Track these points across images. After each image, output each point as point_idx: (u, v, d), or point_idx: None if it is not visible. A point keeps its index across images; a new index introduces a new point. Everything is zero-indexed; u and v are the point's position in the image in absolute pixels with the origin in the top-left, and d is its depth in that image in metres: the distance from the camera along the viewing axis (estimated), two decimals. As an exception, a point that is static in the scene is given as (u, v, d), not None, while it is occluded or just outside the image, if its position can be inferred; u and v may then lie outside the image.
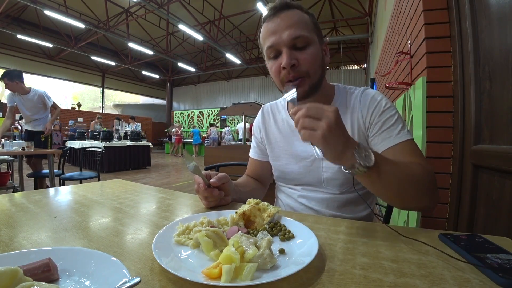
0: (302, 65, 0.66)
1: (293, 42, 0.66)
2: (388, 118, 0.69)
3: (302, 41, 0.66)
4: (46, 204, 0.72)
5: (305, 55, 0.66)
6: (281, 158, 0.84)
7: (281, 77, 0.68)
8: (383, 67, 2.93)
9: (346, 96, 0.78)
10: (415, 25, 1.31)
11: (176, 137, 11.36)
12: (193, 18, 9.63)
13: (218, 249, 0.40)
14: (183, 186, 4.78)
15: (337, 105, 0.77)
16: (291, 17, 0.67)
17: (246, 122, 6.65)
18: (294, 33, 0.65)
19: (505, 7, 0.77)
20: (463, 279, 0.34)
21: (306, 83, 0.68)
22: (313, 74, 0.68)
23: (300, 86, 0.68)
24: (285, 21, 0.66)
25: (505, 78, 0.76)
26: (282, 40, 0.66)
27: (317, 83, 0.70)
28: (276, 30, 0.67)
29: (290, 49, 0.66)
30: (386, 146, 0.67)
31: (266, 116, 0.91)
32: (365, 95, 0.75)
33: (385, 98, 0.73)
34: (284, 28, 0.66)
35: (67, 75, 13.29)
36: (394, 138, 0.66)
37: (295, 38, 0.65)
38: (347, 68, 13.26)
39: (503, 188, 0.76)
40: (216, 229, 0.44)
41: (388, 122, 0.68)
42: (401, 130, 0.67)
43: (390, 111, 0.70)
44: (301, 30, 0.66)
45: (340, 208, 0.78)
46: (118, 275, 0.32)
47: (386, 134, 0.68)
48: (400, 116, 0.70)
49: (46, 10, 7.61)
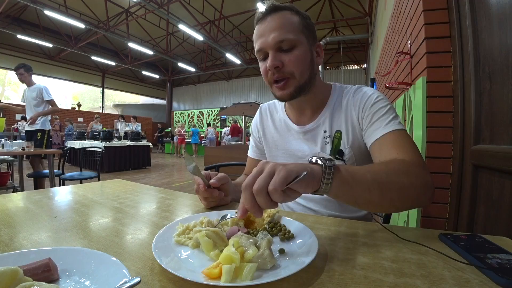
0: (287, 67, 0.67)
1: (279, 45, 0.67)
2: (379, 109, 0.68)
3: (287, 43, 0.67)
4: (46, 204, 0.72)
5: (290, 56, 0.67)
6: (278, 157, 0.84)
7: (268, 78, 0.71)
8: (383, 67, 2.93)
9: (342, 93, 0.78)
10: (415, 25, 1.31)
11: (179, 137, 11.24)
12: (193, 18, 9.63)
13: (218, 249, 0.40)
14: (183, 186, 4.78)
15: (332, 104, 0.77)
16: (277, 19, 0.67)
17: (246, 122, 6.67)
18: (278, 37, 0.66)
19: (505, 7, 0.77)
20: (463, 279, 0.34)
21: (291, 84, 0.69)
22: (299, 75, 0.69)
23: (285, 88, 0.69)
24: (271, 24, 0.67)
25: (505, 78, 0.76)
26: (268, 43, 0.67)
27: (304, 85, 0.70)
28: (263, 33, 0.68)
29: (276, 52, 0.67)
30: (376, 136, 0.65)
31: (264, 116, 0.92)
32: (357, 92, 0.75)
33: (378, 92, 0.73)
34: (270, 31, 0.67)
35: (67, 75, 13.30)
36: (383, 128, 0.65)
37: (279, 41, 0.66)
38: (347, 68, 13.26)
39: (503, 188, 0.76)
40: (216, 229, 0.44)
41: (378, 113, 0.68)
42: (392, 120, 0.66)
43: (381, 103, 0.70)
44: (286, 33, 0.66)
45: (339, 208, 0.78)
46: (118, 275, 0.32)
47: (377, 125, 0.67)
48: (393, 107, 0.70)
49: (46, 10, 7.62)
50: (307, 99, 0.76)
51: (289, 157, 0.81)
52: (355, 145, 0.74)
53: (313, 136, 0.78)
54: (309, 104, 0.78)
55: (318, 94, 0.78)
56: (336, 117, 0.76)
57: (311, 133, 0.79)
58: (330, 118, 0.76)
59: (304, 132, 0.79)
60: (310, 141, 0.78)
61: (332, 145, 0.75)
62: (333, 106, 0.77)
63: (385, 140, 0.64)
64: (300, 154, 0.79)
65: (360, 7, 7.58)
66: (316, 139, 0.78)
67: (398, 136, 0.63)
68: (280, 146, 0.84)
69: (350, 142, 0.74)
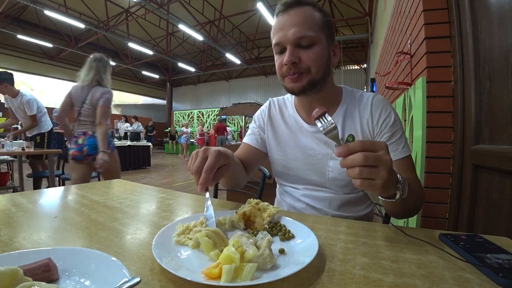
0: (304, 63, 0.67)
1: (298, 41, 0.67)
2: (396, 131, 0.74)
3: (306, 40, 0.66)
4: (46, 204, 0.72)
5: (308, 53, 0.67)
6: (288, 153, 0.84)
7: (282, 72, 0.71)
8: (383, 67, 2.93)
9: (355, 98, 0.79)
10: (415, 25, 1.31)
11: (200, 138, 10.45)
12: (193, 18, 9.63)
13: (218, 249, 0.40)
14: (183, 186, 4.78)
15: (345, 108, 0.78)
16: (299, 15, 0.67)
17: (246, 122, 6.67)
18: (299, 33, 0.66)
19: (505, 7, 0.77)
20: (463, 279, 0.34)
21: (304, 78, 0.69)
22: (315, 72, 0.69)
23: (298, 80, 0.69)
24: (293, 18, 0.67)
25: (505, 78, 0.76)
26: (287, 38, 0.67)
27: (318, 81, 0.70)
28: (283, 27, 0.68)
29: (294, 47, 0.67)
30: (394, 158, 0.71)
31: (273, 110, 0.90)
32: (376, 102, 0.77)
33: (394, 110, 0.77)
34: (290, 26, 0.67)
35: (67, 75, 13.27)
36: (400, 152, 0.72)
37: (299, 37, 0.66)
38: (347, 68, 13.26)
39: (503, 188, 0.76)
40: (216, 229, 0.44)
41: (395, 135, 0.74)
42: (405, 145, 0.73)
43: (398, 125, 0.75)
44: (307, 30, 0.66)
45: (341, 208, 0.79)
46: (118, 275, 0.32)
47: (393, 147, 0.73)
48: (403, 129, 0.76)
49: (46, 10, 7.61)
50: (318, 98, 0.76)
51: (300, 155, 0.81)
52: None
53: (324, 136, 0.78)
54: (320, 102, 0.77)
55: (329, 94, 0.78)
56: (349, 121, 0.77)
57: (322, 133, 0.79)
58: (343, 121, 0.77)
59: (315, 132, 0.79)
60: (322, 141, 0.78)
61: None
62: (345, 109, 0.78)
63: (401, 164, 0.72)
64: (310, 152, 0.79)
65: (360, 7, 7.57)
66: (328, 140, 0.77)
67: (410, 161, 0.74)
68: (290, 143, 0.84)
69: None
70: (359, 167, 0.42)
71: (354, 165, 0.42)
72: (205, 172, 0.52)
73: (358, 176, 0.42)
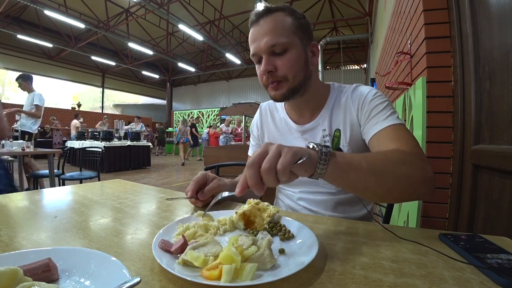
0: (280, 70, 0.68)
1: (271, 49, 0.67)
2: (377, 105, 0.69)
3: (279, 47, 0.67)
4: (46, 204, 0.72)
5: (283, 60, 0.67)
6: None
7: (263, 81, 0.72)
8: (383, 67, 2.93)
9: (341, 93, 0.79)
10: (415, 25, 1.31)
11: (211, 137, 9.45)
12: (193, 18, 9.63)
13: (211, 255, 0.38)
14: (183, 186, 4.78)
15: (332, 104, 0.78)
16: (270, 23, 0.67)
17: (246, 122, 6.67)
18: (271, 41, 0.66)
19: (505, 7, 0.77)
20: (463, 279, 0.34)
21: (284, 86, 0.70)
22: (292, 78, 0.69)
23: (278, 88, 0.70)
24: (264, 27, 0.67)
25: (505, 78, 0.76)
26: (261, 48, 0.68)
27: (298, 86, 0.71)
28: (256, 37, 0.69)
29: (269, 56, 0.68)
30: (375, 131, 0.66)
31: (264, 115, 0.92)
32: (355, 90, 0.76)
33: (375, 89, 0.74)
34: (263, 35, 0.67)
35: (67, 75, 13.28)
36: (382, 123, 0.66)
37: (272, 45, 0.66)
38: (347, 68, 13.25)
39: (503, 188, 0.76)
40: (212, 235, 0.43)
41: (376, 109, 0.69)
42: (390, 115, 0.66)
43: (379, 99, 0.70)
44: (278, 37, 0.66)
45: (338, 208, 0.79)
46: (118, 275, 0.32)
47: (375, 120, 0.68)
48: (391, 104, 0.70)
49: (46, 10, 7.61)
50: (305, 99, 0.77)
51: None
52: (354, 143, 0.74)
53: (312, 135, 0.79)
54: (307, 105, 0.79)
55: (316, 94, 0.78)
56: (335, 116, 0.77)
57: (310, 132, 0.79)
58: (329, 117, 0.77)
59: (303, 131, 0.80)
60: (309, 140, 0.78)
61: (332, 143, 0.76)
62: (332, 105, 0.78)
63: (383, 134, 0.64)
64: None
65: (360, 7, 7.57)
66: (315, 138, 0.78)
67: (397, 130, 0.64)
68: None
69: (349, 140, 0.74)
70: (260, 174, 0.40)
71: (256, 178, 0.40)
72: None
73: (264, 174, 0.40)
